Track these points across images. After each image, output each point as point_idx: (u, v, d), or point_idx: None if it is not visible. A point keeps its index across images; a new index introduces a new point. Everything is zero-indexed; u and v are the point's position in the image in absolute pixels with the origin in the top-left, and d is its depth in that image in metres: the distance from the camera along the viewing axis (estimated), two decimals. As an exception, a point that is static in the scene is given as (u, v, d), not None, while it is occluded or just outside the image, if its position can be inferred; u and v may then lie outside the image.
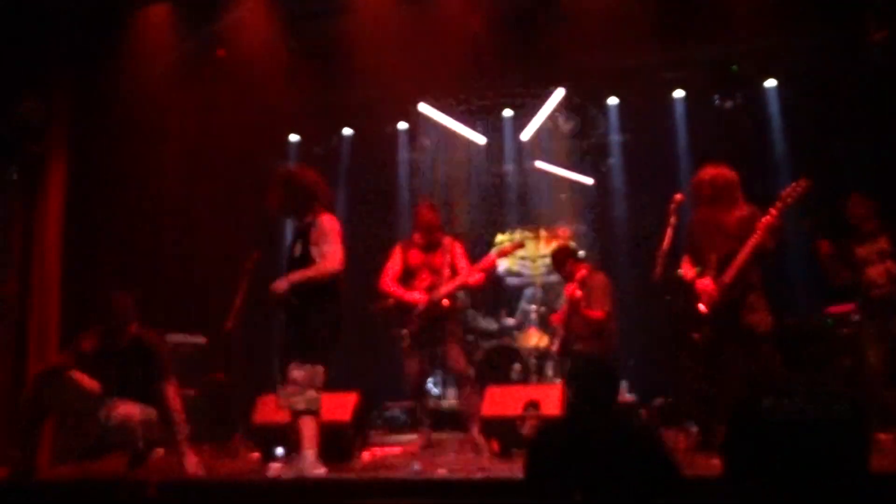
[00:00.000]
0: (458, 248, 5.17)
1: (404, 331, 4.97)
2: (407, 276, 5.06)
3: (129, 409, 4.03)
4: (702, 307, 4.17)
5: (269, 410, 4.84)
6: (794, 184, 4.04)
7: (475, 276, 5.04)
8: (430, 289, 4.96)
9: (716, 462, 2.94)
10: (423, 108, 7.82)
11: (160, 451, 4.61)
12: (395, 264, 5.11)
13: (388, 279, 5.07)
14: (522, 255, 7.89)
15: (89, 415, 4.02)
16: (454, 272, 5.02)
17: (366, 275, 5.25)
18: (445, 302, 4.93)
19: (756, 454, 2.48)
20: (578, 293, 5.19)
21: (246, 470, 4.33)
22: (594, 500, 2.46)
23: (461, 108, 7.81)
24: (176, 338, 5.76)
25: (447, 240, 5.16)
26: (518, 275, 8.09)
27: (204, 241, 6.94)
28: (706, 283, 4.18)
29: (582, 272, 5.30)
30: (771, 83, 7.38)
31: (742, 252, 4.05)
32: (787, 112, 7.30)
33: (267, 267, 5.06)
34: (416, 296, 4.95)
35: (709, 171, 4.34)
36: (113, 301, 4.24)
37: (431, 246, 5.09)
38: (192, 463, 4.02)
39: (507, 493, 3.33)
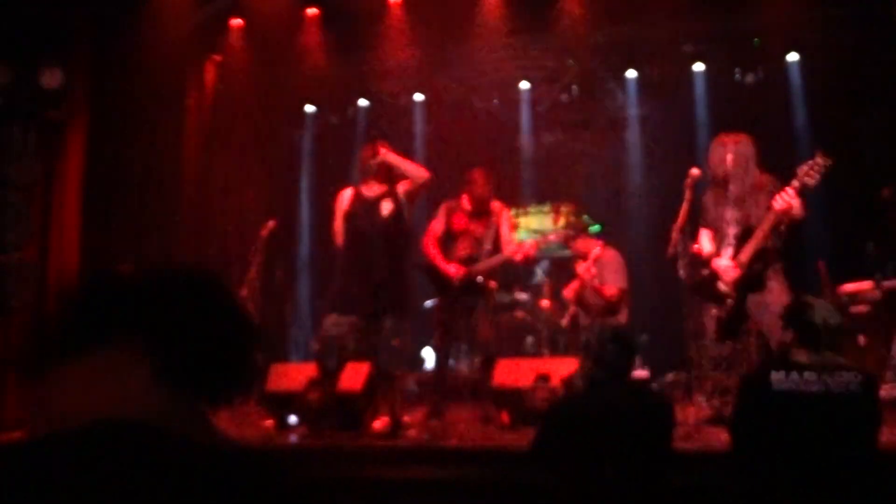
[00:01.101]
0: (507, 215, 4.94)
1: (435, 299, 4.91)
2: (448, 239, 4.88)
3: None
4: (722, 286, 4.09)
5: (281, 378, 4.90)
6: (811, 161, 3.83)
7: (518, 256, 4.83)
8: (468, 260, 4.78)
9: (726, 436, 2.95)
10: (439, 79, 7.76)
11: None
12: (438, 225, 4.93)
13: (431, 240, 4.90)
14: (535, 229, 7.85)
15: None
16: (496, 243, 4.82)
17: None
18: (480, 280, 4.76)
19: (765, 427, 2.49)
20: (592, 271, 5.18)
21: (260, 436, 4.40)
22: (607, 470, 2.48)
23: (478, 79, 7.73)
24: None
25: (496, 205, 4.93)
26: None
27: (220, 209, 6.97)
28: (725, 262, 4.10)
29: (596, 248, 5.28)
30: (793, 57, 7.22)
31: (757, 233, 3.97)
32: (809, 87, 7.16)
33: (282, 236, 5.08)
34: (452, 269, 4.76)
35: (725, 138, 4.27)
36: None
37: (478, 214, 4.88)
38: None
39: (515, 463, 3.36)
